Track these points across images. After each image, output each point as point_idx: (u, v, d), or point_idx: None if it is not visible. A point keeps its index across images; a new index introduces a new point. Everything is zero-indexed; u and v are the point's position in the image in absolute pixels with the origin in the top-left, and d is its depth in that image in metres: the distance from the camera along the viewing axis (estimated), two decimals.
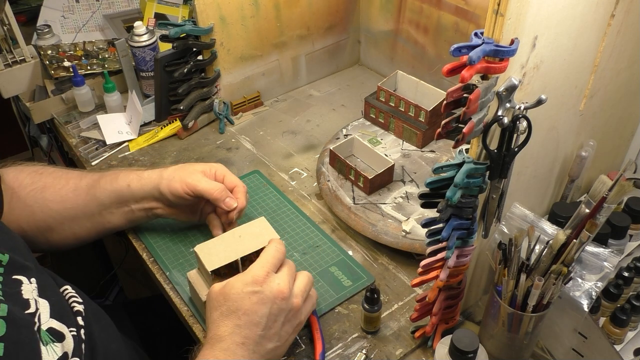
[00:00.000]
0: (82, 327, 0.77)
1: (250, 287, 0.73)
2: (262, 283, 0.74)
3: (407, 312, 0.90)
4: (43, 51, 1.35)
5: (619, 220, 0.89)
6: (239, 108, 1.34)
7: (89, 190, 0.93)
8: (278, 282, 0.75)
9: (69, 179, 0.95)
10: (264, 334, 0.73)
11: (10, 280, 0.69)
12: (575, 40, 0.73)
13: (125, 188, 0.92)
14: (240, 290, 0.73)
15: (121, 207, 0.94)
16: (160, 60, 1.19)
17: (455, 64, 0.60)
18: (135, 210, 0.95)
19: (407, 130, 1.17)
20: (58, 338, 0.72)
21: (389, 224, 0.99)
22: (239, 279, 0.75)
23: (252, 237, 0.86)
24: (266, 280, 0.75)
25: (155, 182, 0.92)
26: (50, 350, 0.70)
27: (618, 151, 1.08)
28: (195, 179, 0.91)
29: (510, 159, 0.68)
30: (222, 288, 0.75)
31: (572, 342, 0.79)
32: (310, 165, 1.19)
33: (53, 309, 0.75)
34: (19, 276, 0.70)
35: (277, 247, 0.79)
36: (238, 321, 0.72)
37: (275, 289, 0.74)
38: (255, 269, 0.76)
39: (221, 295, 0.74)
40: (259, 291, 0.73)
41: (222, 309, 0.73)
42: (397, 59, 1.39)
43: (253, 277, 0.74)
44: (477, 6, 1.13)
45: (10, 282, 0.69)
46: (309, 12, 1.34)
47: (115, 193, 0.93)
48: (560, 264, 0.70)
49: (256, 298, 0.73)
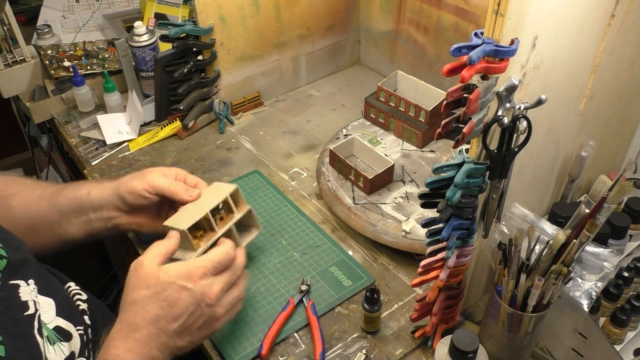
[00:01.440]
0: (89, 326, 0.77)
1: (183, 281, 0.72)
2: (195, 281, 0.72)
3: (407, 312, 0.90)
4: (43, 51, 1.35)
5: (619, 220, 0.89)
6: (239, 108, 1.34)
7: (52, 197, 0.91)
8: (211, 287, 0.74)
9: (37, 187, 0.93)
10: (180, 331, 0.72)
11: (7, 285, 0.69)
12: (575, 40, 0.73)
13: (86, 195, 0.90)
14: (173, 280, 0.71)
15: (79, 216, 0.91)
16: (160, 60, 1.19)
17: (455, 64, 0.60)
18: (94, 220, 0.92)
19: (407, 130, 1.17)
20: (65, 337, 0.72)
21: (389, 224, 0.99)
22: (175, 268, 0.73)
23: (213, 196, 0.89)
24: (200, 280, 0.73)
25: (115, 186, 0.90)
26: (57, 349, 0.70)
27: (618, 151, 1.08)
28: (155, 177, 0.89)
29: (510, 159, 0.68)
30: (157, 270, 0.72)
31: (572, 342, 0.79)
32: (310, 165, 1.19)
33: (59, 307, 0.75)
34: (16, 280, 0.70)
35: (226, 250, 0.77)
36: (160, 311, 0.70)
37: (206, 293, 0.73)
38: (195, 264, 0.74)
39: (152, 278, 0.71)
40: (190, 289, 0.72)
41: (148, 292, 0.71)
42: (397, 59, 1.39)
43: (189, 272, 0.73)
44: (477, 6, 1.13)
45: (8, 287, 0.68)
46: (309, 12, 1.34)
47: (75, 201, 0.90)
48: (560, 264, 0.70)
49: (184, 294, 0.71)
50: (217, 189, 0.91)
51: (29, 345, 0.65)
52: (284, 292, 0.93)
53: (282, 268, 0.96)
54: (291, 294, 0.92)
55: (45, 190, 0.93)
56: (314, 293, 0.92)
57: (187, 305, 0.71)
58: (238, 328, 0.87)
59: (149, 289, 0.71)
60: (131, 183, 0.89)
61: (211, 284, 0.74)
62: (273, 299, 0.92)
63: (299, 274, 0.95)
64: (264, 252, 0.99)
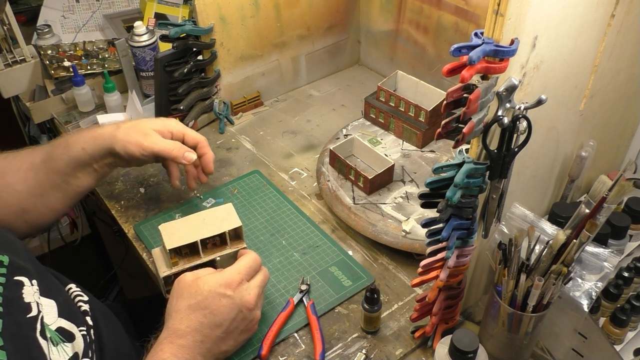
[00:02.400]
0: (91, 327, 0.77)
1: (222, 289, 0.75)
2: (234, 289, 0.76)
3: (407, 312, 0.90)
4: (43, 51, 1.35)
5: (619, 220, 0.89)
6: (239, 108, 1.34)
7: (45, 164, 0.92)
8: (249, 292, 0.78)
9: (22, 158, 0.94)
10: (223, 337, 0.75)
11: (13, 282, 0.69)
12: (575, 40, 0.73)
13: (82, 152, 0.92)
14: (213, 289, 0.75)
15: (84, 169, 0.94)
16: (160, 60, 1.19)
17: (455, 64, 0.60)
18: (99, 168, 0.95)
19: (407, 130, 1.17)
20: (68, 338, 0.72)
21: (389, 224, 0.99)
22: (214, 278, 0.76)
23: (216, 222, 0.91)
24: (239, 287, 0.77)
25: (110, 142, 0.92)
26: (60, 350, 0.70)
27: (618, 151, 1.08)
28: (151, 142, 0.91)
29: (510, 159, 0.68)
30: (195, 280, 0.76)
31: (572, 342, 0.79)
32: (310, 165, 1.19)
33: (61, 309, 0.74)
34: (20, 277, 0.70)
35: (254, 257, 0.83)
36: (204, 319, 0.74)
37: (245, 299, 0.77)
38: (231, 272, 0.78)
39: (193, 288, 0.75)
40: (230, 296, 0.75)
41: (191, 301, 0.75)
42: (397, 59, 1.39)
43: (227, 280, 0.76)
44: (477, 6, 1.13)
45: (12, 284, 0.68)
46: (309, 12, 1.34)
47: (73, 160, 0.92)
48: (560, 264, 0.70)
49: (226, 301, 0.75)
50: (225, 213, 0.92)
51: (31, 348, 0.65)
52: (284, 292, 0.93)
53: (282, 268, 0.96)
54: (291, 294, 0.92)
55: (34, 159, 0.94)
56: (314, 293, 0.92)
57: (228, 312, 0.75)
58: None
59: (191, 298, 0.74)
60: (128, 147, 0.91)
61: (248, 289, 0.78)
62: (273, 299, 0.92)
63: (299, 274, 0.95)
64: (264, 252, 0.99)
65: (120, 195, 1.12)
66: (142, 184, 1.15)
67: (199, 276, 0.78)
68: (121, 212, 1.09)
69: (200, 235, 0.88)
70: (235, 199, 1.10)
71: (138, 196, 1.12)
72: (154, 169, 1.18)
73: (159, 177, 1.17)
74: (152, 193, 1.13)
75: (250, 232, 1.03)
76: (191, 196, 1.11)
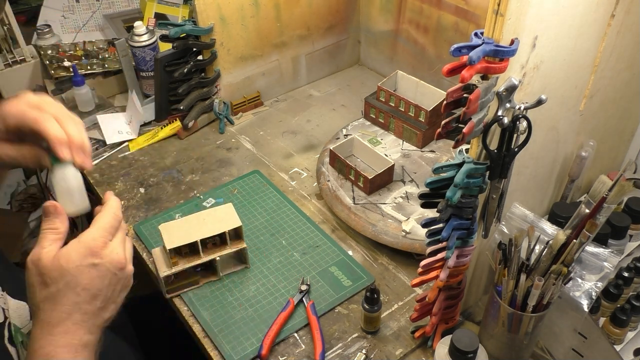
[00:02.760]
0: None
1: (89, 259, 0.66)
2: (100, 254, 0.66)
3: (407, 312, 0.90)
4: (43, 51, 1.35)
5: (619, 220, 0.89)
6: (239, 108, 1.34)
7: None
8: (117, 251, 0.68)
9: None
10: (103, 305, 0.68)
11: None
12: (575, 40, 0.73)
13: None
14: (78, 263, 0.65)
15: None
16: (160, 60, 1.19)
17: (455, 64, 0.60)
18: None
19: (407, 130, 1.17)
20: None
21: (389, 224, 0.99)
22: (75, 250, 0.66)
23: (216, 222, 0.91)
24: (104, 249, 0.67)
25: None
26: None
27: (618, 151, 1.08)
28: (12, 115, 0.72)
29: (510, 159, 0.68)
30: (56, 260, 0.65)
31: (572, 342, 0.79)
32: (310, 165, 1.19)
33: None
34: None
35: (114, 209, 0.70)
36: (77, 298, 0.65)
37: (115, 260, 0.67)
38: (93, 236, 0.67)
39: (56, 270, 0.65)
40: (99, 264, 0.66)
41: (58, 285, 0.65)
42: (397, 59, 1.39)
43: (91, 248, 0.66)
44: (477, 6, 1.13)
45: None
46: (309, 12, 1.34)
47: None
48: (560, 264, 0.70)
49: (95, 271, 0.66)
50: (225, 213, 0.93)
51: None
52: (284, 292, 0.93)
53: (282, 268, 0.96)
54: (291, 294, 0.92)
55: None
56: (314, 293, 0.92)
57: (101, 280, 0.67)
58: (238, 328, 0.87)
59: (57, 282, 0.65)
60: None
61: (114, 248, 0.68)
62: (273, 299, 0.92)
63: (299, 274, 0.95)
64: (264, 252, 0.99)
65: (120, 195, 1.12)
66: (142, 184, 1.15)
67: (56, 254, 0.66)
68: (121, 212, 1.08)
69: (200, 235, 0.89)
70: (235, 199, 1.10)
71: (138, 196, 1.12)
72: (154, 169, 1.18)
73: (159, 177, 1.17)
74: (152, 193, 1.13)
75: (250, 232, 1.03)
76: (191, 196, 1.11)
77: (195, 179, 1.16)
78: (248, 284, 0.94)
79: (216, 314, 0.89)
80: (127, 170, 1.18)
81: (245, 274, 0.96)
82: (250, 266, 0.96)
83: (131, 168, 1.19)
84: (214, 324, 0.88)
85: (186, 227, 0.90)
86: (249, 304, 0.91)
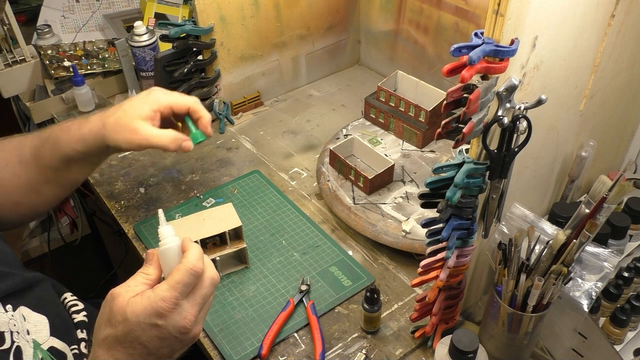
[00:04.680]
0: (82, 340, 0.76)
1: (153, 319, 0.63)
2: (166, 317, 0.63)
3: (407, 312, 0.90)
4: (43, 51, 1.35)
5: (619, 220, 0.89)
6: (239, 108, 1.34)
7: (36, 160, 0.89)
8: (184, 315, 0.64)
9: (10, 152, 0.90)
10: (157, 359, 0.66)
11: None
12: (575, 40, 0.73)
13: (73, 152, 0.87)
14: (142, 319, 0.63)
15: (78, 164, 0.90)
16: (160, 60, 1.19)
17: (455, 64, 0.60)
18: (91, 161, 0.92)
19: (407, 130, 1.17)
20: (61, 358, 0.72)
21: (389, 224, 0.99)
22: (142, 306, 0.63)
23: (216, 222, 0.91)
24: (172, 313, 0.63)
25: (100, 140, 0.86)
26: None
27: (618, 151, 1.08)
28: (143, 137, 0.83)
29: (510, 159, 0.68)
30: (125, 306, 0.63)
31: (572, 342, 0.79)
32: (310, 165, 1.19)
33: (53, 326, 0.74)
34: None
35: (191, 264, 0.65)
36: (132, 351, 0.64)
37: (180, 325, 0.64)
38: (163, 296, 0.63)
39: (121, 315, 0.63)
40: (162, 325, 0.63)
41: (118, 331, 0.64)
42: (397, 59, 1.39)
43: (157, 309, 0.63)
44: (477, 6, 1.13)
45: None
46: (309, 12, 1.34)
47: (66, 157, 0.88)
48: (560, 264, 0.70)
49: (157, 331, 0.63)
50: (225, 213, 0.93)
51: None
52: (284, 292, 0.93)
53: (282, 268, 0.96)
54: (291, 294, 0.92)
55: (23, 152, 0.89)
56: (314, 293, 0.92)
57: (160, 342, 0.64)
58: (238, 328, 0.87)
59: (118, 328, 0.63)
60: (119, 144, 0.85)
61: (182, 311, 0.64)
62: (273, 299, 0.92)
63: (299, 274, 0.95)
64: (264, 252, 0.99)
65: (120, 195, 1.12)
66: (142, 184, 1.15)
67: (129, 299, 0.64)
68: (121, 212, 1.09)
69: (200, 235, 0.89)
70: (235, 199, 1.10)
71: (138, 196, 1.12)
72: (154, 169, 1.18)
73: (159, 177, 1.17)
74: (152, 193, 1.13)
75: (250, 232, 1.03)
76: (191, 196, 1.11)
77: (195, 179, 1.16)
78: (248, 284, 0.94)
79: (216, 314, 0.90)
80: (127, 170, 1.18)
81: (245, 274, 0.96)
82: (250, 266, 0.96)
83: (131, 168, 1.19)
84: (214, 324, 0.88)
85: (186, 227, 0.90)
86: (249, 304, 0.91)
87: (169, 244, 0.66)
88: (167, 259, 0.66)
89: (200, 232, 0.89)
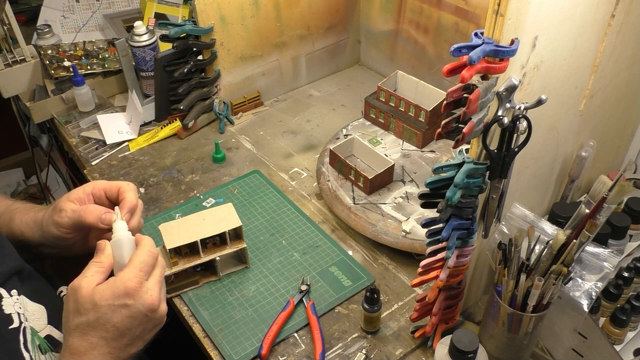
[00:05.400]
0: None
1: (122, 300, 0.67)
2: (134, 295, 0.67)
3: (407, 312, 0.90)
4: (43, 51, 1.35)
5: (619, 220, 0.89)
6: (239, 108, 1.34)
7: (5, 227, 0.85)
8: (150, 293, 0.69)
9: None
10: (130, 342, 0.70)
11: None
12: (575, 40, 0.73)
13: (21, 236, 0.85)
14: (111, 302, 0.67)
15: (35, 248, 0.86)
16: (160, 60, 1.19)
17: (455, 64, 0.60)
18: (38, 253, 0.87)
19: (407, 130, 1.17)
20: (56, 347, 0.72)
21: (389, 224, 0.99)
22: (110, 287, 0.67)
23: (215, 221, 0.91)
24: (139, 291, 0.68)
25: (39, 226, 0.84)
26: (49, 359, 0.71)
27: (618, 151, 1.08)
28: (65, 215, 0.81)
29: (510, 159, 0.68)
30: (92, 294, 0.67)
31: (572, 342, 0.79)
32: (310, 165, 1.19)
33: (51, 314, 0.74)
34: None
35: (149, 249, 0.71)
36: (105, 334, 0.67)
37: (148, 302, 0.68)
38: (129, 277, 0.68)
39: (89, 303, 0.67)
40: (131, 305, 0.67)
41: (89, 318, 0.67)
42: (397, 59, 1.39)
43: (125, 289, 0.67)
44: (477, 6, 1.13)
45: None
46: (309, 12, 1.34)
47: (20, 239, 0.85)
48: (560, 264, 0.70)
49: (127, 311, 0.67)
50: (225, 213, 0.93)
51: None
52: (284, 292, 0.93)
53: (282, 268, 0.96)
54: (291, 294, 0.92)
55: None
56: (314, 293, 0.92)
57: (131, 321, 0.68)
58: (238, 328, 0.87)
59: (89, 314, 0.66)
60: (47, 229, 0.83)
61: (148, 290, 0.69)
62: (273, 299, 0.92)
63: (299, 274, 0.95)
64: (264, 252, 0.99)
65: None
66: (142, 184, 1.15)
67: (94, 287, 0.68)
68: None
69: (200, 235, 0.89)
70: (235, 199, 1.10)
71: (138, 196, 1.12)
72: (154, 169, 1.18)
73: (159, 177, 1.17)
74: (152, 193, 1.13)
75: (250, 232, 1.03)
76: (191, 196, 1.11)
77: (195, 178, 1.16)
78: (248, 284, 0.94)
79: (216, 314, 0.90)
80: (127, 170, 1.18)
81: (245, 274, 0.96)
82: (250, 266, 0.96)
83: (131, 168, 1.19)
84: (214, 324, 0.88)
85: (186, 227, 0.90)
86: (249, 304, 0.91)
87: (123, 235, 0.72)
88: (120, 248, 0.71)
89: (200, 232, 0.89)
